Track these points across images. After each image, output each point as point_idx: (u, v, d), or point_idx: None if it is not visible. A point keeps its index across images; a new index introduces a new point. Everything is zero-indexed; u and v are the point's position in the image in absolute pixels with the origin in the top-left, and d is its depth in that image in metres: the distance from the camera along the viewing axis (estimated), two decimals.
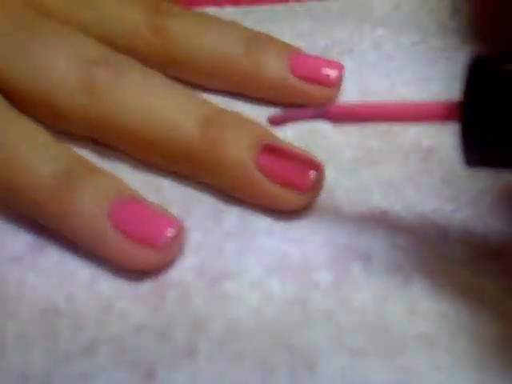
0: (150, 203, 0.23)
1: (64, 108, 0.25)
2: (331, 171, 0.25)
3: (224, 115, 0.25)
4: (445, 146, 0.26)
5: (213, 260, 0.23)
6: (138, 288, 0.22)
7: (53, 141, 0.24)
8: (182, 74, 0.28)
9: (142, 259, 0.22)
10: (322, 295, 0.22)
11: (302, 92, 0.27)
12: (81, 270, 0.22)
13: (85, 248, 0.22)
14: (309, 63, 0.28)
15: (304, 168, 0.24)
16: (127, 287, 0.22)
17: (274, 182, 0.23)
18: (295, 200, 0.24)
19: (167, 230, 0.22)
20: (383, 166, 0.26)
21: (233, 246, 0.23)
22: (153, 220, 0.22)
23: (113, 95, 0.25)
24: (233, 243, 0.23)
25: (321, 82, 0.27)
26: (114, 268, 0.22)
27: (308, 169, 0.24)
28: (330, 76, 0.28)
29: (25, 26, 0.26)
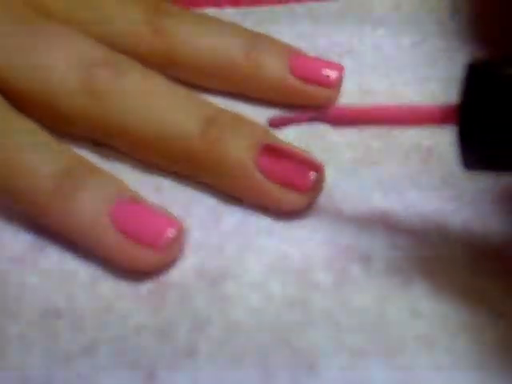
0: (150, 203, 0.23)
1: (64, 108, 0.25)
2: (331, 171, 0.25)
3: (224, 115, 0.25)
4: (445, 146, 0.26)
5: (213, 260, 0.23)
6: (138, 288, 0.22)
7: (53, 141, 0.24)
8: (182, 75, 0.28)
9: (142, 259, 0.22)
10: (322, 295, 0.22)
11: (302, 93, 0.27)
12: (81, 270, 0.22)
13: (85, 248, 0.22)
14: (309, 64, 0.28)
15: (304, 168, 0.24)
16: (127, 287, 0.22)
17: (274, 183, 0.23)
18: (295, 200, 0.24)
19: (167, 231, 0.22)
20: (383, 166, 0.26)
21: (233, 246, 0.23)
22: (153, 220, 0.22)
23: (113, 95, 0.25)
24: (233, 243, 0.23)
25: (321, 83, 0.27)
26: (114, 268, 0.22)
27: (308, 169, 0.24)
28: (330, 77, 0.28)
29: (25, 26, 0.26)
